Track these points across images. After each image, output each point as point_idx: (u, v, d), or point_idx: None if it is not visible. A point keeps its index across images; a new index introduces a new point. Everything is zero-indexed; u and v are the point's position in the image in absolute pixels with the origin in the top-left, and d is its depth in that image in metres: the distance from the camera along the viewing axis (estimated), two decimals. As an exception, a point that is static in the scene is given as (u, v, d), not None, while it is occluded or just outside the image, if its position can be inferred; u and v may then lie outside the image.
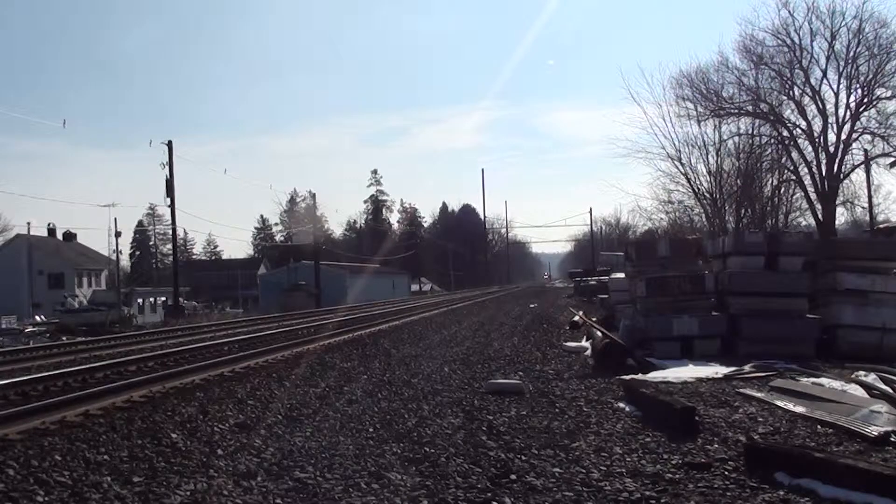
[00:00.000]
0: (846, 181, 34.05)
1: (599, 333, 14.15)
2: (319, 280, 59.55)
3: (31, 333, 30.52)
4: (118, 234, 49.30)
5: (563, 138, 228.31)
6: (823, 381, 9.94)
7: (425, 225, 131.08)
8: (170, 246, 76.84)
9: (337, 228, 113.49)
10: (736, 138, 36.77)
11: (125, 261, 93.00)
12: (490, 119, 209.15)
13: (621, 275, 20.22)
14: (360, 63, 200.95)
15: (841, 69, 33.03)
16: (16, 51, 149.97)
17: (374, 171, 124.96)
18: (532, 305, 37.49)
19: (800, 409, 8.03)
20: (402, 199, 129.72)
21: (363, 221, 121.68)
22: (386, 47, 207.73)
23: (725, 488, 5.40)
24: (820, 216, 34.16)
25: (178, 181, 42.36)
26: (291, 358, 14.94)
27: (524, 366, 12.87)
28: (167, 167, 41.22)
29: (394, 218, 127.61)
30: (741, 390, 9.49)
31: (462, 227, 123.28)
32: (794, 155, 35.01)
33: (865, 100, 33.06)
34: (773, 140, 35.75)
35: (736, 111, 35.67)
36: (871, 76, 32.66)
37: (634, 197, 79.72)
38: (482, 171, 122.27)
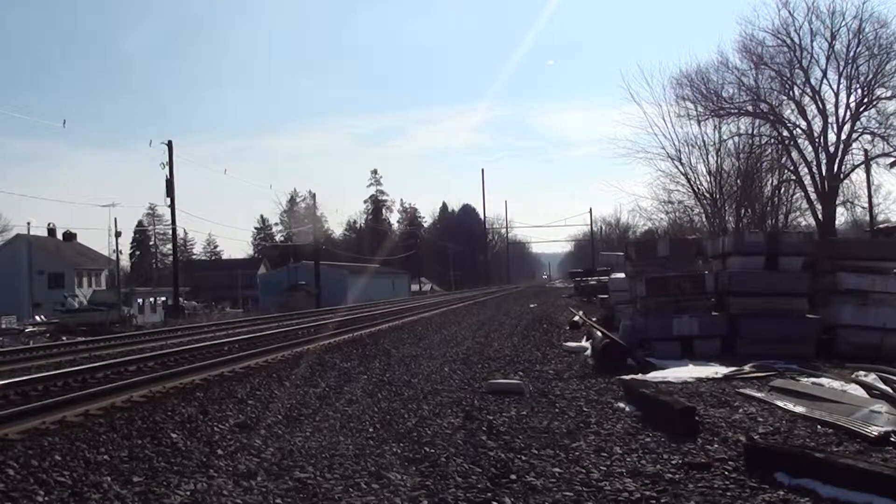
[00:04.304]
0: (846, 181, 34.08)
1: (599, 333, 14.15)
2: (319, 280, 59.52)
3: (31, 333, 30.51)
4: (118, 234, 49.30)
5: (563, 138, 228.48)
6: (823, 381, 9.94)
7: (425, 225, 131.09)
8: (170, 246, 76.89)
9: (337, 228, 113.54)
10: (736, 138, 36.81)
11: (125, 261, 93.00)
12: (490, 119, 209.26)
13: (621, 275, 20.20)
14: (360, 63, 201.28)
15: (841, 69, 33.06)
16: (16, 51, 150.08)
17: (374, 171, 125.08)
18: (532, 305, 37.47)
19: (800, 409, 8.03)
20: (401, 199, 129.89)
21: (363, 221, 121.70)
22: (385, 47, 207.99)
23: (725, 488, 5.39)
24: (820, 216, 34.14)
25: (178, 181, 42.53)
26: (291, 358, 14.94)
27: (524, 366, 12.87)
28: (167, 167, 41.42)
29: (394, 218, 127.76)
30: (741, 390, 9.49)
31: (462, 227, 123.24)
32: (794, 155, 35.05)
33: (865, 100, 33.07)
34: (773, 140, 35.76)
35: (736, 111, 35.68)
36: (871, 76, 32.67)
37: (634, 197, 79.84)
38: (482, 171, 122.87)
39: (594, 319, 18.57)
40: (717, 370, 11.20)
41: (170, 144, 41.59)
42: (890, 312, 13.24)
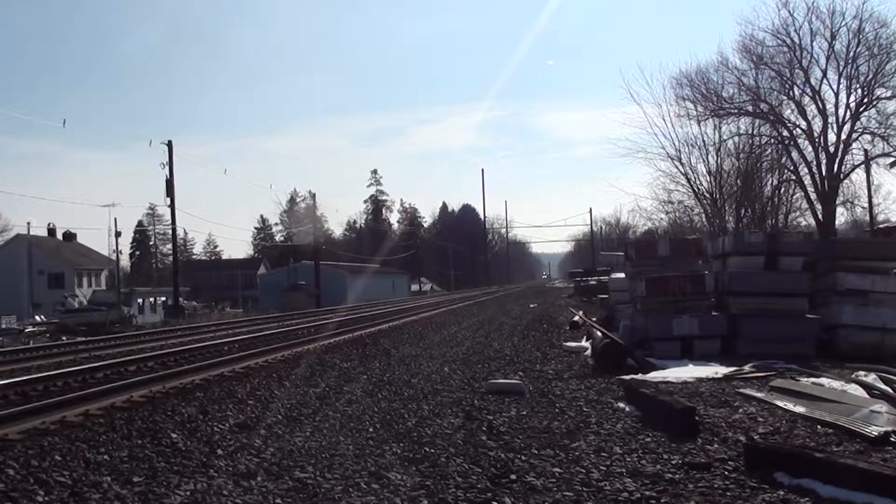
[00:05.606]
0: (846, 181, 34.01)
1: (599, 333, 14.14)
2: (319, 280, 59.52)
3: (31, 333, 30.49)
4: (118, 234, 49.27)
5: (563, 138, 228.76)
6: (823, 381, 9.93)
7: (425, 225, 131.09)
8: (170, 246, 76.99)
9: (337, 228, 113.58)
10: (736, 138, 36.78)
11: (125, 261, 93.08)
12: (490, 119, 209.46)
13: (621, 275, 20.20)
14: (360, 63, 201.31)
15: (841, 69, 32.99)
16: (16, 51, 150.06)
17: (374, 171, 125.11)
18: (532, 305, 37.49)
19: (800, 409, 8.03)
20: (401, 199, 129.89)
21: (363, 221, 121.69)
22: (385, 47, 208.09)
23: (725, 488, 5.39)
24: (820, 216, 34.11)
25: (178, 181, 42.47)
26: (291, 358, 14.94)
27: (524, 366, 12.87)
28: (167, 167, 41.38)
29: (394, 218, 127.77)
30: (741, 390, 9.49)
31: (462, 227, 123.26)
32: (794, 155, 34.99)
33: (865, 100, 33.00)
34: (773, 140, 35.72)
35: (736, 111, 35.64)
36: (871, 76, 32.61)
37: (634, 197, 79.64)
38: (482, 171, 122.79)
39: (594, 319, 18.58)
40: (717, 370, 11.21)
41: (170, 144, 41.61)
42: (890, 312, 13.23)
